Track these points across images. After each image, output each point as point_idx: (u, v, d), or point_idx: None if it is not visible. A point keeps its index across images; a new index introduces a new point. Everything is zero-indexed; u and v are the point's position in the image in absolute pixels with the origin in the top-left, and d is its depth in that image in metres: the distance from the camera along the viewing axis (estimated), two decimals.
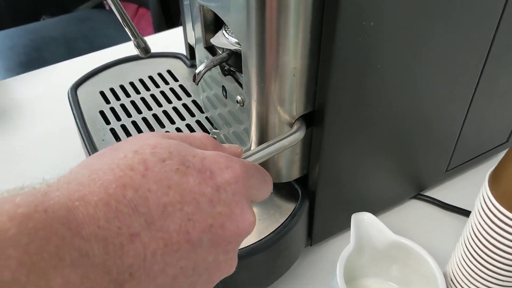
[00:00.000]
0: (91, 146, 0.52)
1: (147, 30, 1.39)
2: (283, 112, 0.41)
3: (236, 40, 0.42)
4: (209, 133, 0.54)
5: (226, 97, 0.47)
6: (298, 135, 0.41)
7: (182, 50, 0.67)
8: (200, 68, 0.43)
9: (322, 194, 0.47)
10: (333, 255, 0.52)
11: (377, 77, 0.41)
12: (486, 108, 0.53)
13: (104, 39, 1.38)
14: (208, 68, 0.43)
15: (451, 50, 0.44)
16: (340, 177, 0.47)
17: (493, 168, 0.36)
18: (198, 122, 0.56)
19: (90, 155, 0.52)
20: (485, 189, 0.35)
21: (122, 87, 0.61)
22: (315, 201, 0.47)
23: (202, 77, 0.44)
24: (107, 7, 1.58)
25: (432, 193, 0.59)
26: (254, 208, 0.44)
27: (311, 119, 0.42)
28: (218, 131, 0.53)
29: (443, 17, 0.40)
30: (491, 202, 0.34)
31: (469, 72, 0.48)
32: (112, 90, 0.60)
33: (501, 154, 0.63)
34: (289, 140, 0.40)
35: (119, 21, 0.46)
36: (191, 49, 0.65)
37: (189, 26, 0.62)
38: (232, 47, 0.42)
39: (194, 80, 0.44)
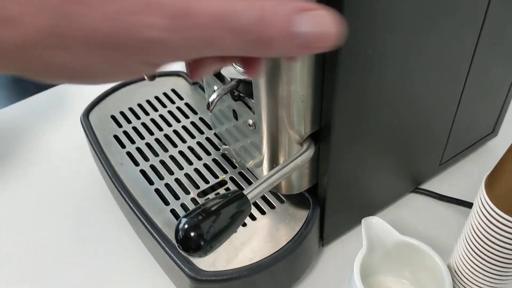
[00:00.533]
0: (111, 171, 0.56)
1: None
2: (293, 133, 0.45)
3: (240, 69, 0.46)
4: (219, 149, 0.58)
5: (236, 119, 0.50)
6: (308, 153, 0.45)
7: (182, 67, 0.70)
8: (213, 97, 0.47)
9: (331, 200, 0.51)
10: (343, 252, 0.56)
11: (376, 92, 0.45)
12: (474, 102, 0.58)
13: None
14: (220, 97, 0.47)
15: (441, 52, 0.48)
16: (346, 183, 0.51)
17: (489, 172, 0.40)
18: (207, 139, 0.60)
19: (110, 179, 0.55)
20: (482, 192, 0.39)
21: (131, 109, 0.64)
22: (325, 207, 0.51)
23: (215, 105, 0.47)
24: None
25: (428, 185, 0.64)
26: (269, 219, 0.49)
27: (318, 135, 0.46)
28: (227, 146, 0.57)
29: (433, 24, 0.44)
30: (488, 204, 0.38)
31: (458, 70, 0.52)
32: (122, 113, 0.63)
33: (489, 145, 0.68)
34: (301, 159, 0.44)
35: None
36: None
37: None
38: (242, 77, 0.46)
39: (208, 108, 0.47)
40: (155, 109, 0.64)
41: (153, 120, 0.62)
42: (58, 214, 0.61)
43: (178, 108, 0.64)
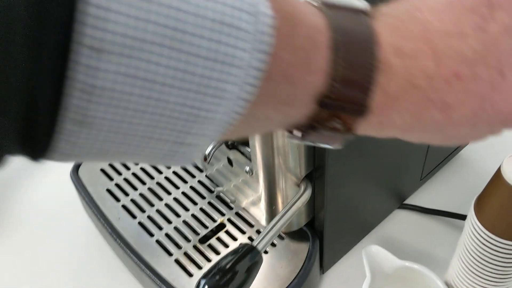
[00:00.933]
0: (110, 227, 0.57)
1: None
2: (290, 176, 0.47)
3: None
4: (212, 191, 0.60)
5: (232, 166, 0.52)
6: (307, 194, 0.47)
7: None
8: (209, 149, 0.49)
9: (329, 230, 0.53)
10: (342, 276, 0.59)
11: None
12: None
13: None
14: (217, 148, 0.49)
15: None
16: (341, 212, 0.54)
17: (477, 195, 0.44)
18: (200, 182, 0.61)
19: (110, 235, 0.56)
20: (473, 216, 0.43)
21: None
22: (324, 238, 0.54)
23: (212, 156, 0.49)
24: None
25: (411, 200, 0.67)
26: (272, 257, 0.50)
27: (312, 174, 0.49)
28: (221, 188, 0.59)
29: None
30: (479, 228, 0.42)
31: None
32: (111, 165, 0.64)
33: (461, 154, 0.73)
34: (301, 201, 0.46)
35: None
36: None
37: None
38: None
39: (205, 160, 0.49)
40: None
41: (143, 169, 0.63)
42: (57, 276, 0.61)
43: None
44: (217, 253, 0.54)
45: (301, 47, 0.21)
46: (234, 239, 0.55)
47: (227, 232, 0.56)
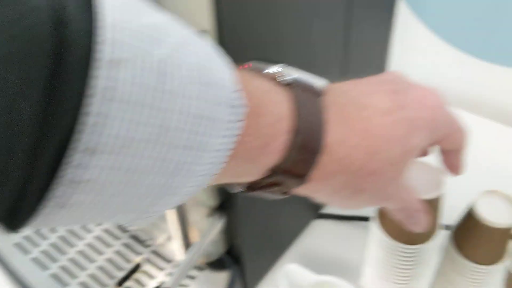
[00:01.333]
0: (21, 283, 0.54)
1: None
2: (201, 209, 0.47)
3: None
4: (127, 231, 0.58)
5: None
6: (219, 225, 0.47)
7: None
8: None
9: (247, 255, 0.54)
10: None
11: None
12: None
13: None
14: None
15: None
16: (258, 234, 0.54)
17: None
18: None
19: None
20: (377, 227, 0.45)
21: None
22: (242, 263, 0.54)
23: None
24: None
25: (328, 209, 0.69)
26: None
27: (223, 204, 0.49)
28: (136, 226, 0.57)
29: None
30: (384, 237, 0.44)
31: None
32: None
33: None
34: (214, 234, 0.46)
35: None
36: None
37: None
38: None
39: None
40: None
41: None
42: None
43: None
44: None
45: (264, 134, 0.25)
46: (152, 277, 0.54)
47: (145, 272, 0.54)
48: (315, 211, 0.67)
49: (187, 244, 0.51)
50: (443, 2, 0.77)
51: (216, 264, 0.55)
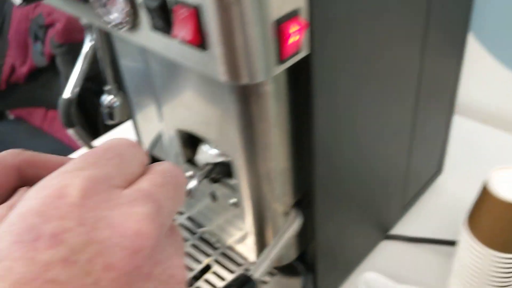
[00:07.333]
0: None
1: (62, 131, 1.37)
2: (278, 205, 0.46)
3: (218, 152, 0.47)
4: (195, 233, 0.58)
5: (215, 201, 0.50)
6: (298, 222, 0.46)
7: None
8: (193, 184, 0.47)
9: (321, 264, 0.52)
10: None
11: (347, 154, 0.48)
12: (421, 148, 0.63)
13: None
14: (200, 182, 0.47)
15: (390, 115, 0.52)
16: (331, 244, 0.53)
17: (467, 214, 0.44)
18: (181, 225, 0.59)
19: None
20: (467, 234, 0.42)
21: None
22: (316, 272, 0.52)
23: (195, 191, 0.47)
24: (11, 116, 1.54)
25: (395, 230, 0.67)
26: None
27: (300, 203, 0.48)
28: (205, 228, 0.57)
29: (386, 91, 0.48)
30: (476, 244, 0.41)
31: (403, 125, 0.57)
32: None
33: (438, 182, 0.73)
34: (294, 229, 0.45)
35: (27, 128, 0.49)
36: (151, 158, 0.68)
37: (146, 138, 0.66)
38: (218, 159, 0.47)
39: (188, 195, 0.47)
40: None
41: None
42: None
43: None
44: None
45: None
46: (223, 279, 0.52)
47: (215, 273, 0.53)
48: (383, 231, 0.65)
49: (261, 243, 0.50)
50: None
51: (287, 270, 0.53)
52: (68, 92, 0.51)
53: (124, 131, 0.89)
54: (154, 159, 0.68)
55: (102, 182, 0.21)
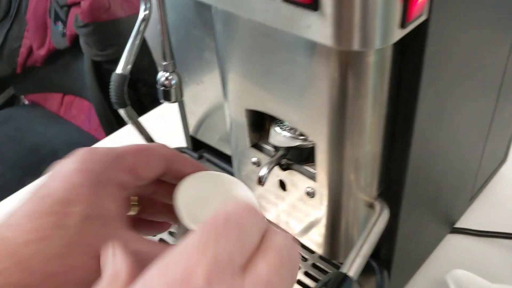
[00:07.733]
0: None
1: (79, 118, 1.32)
2: (363, 195, 0.41)
3: (291, 135, 0.42)
4: None
5: (284, 190, 0.45)
6: (385, 215, 0.41)
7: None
8: (263, 171, 0.42)
9: (397, 261, 0.47)
10: None
11: (442, 143, 0.43)
12: (494, 137, 0.57)
13: (35, 137, 1.29)
14: (271, 168, 0.42)
15: (476, 108, 0.47)
16: (408, 240, 0.48)
17: None
18: None
19: None
20: None
21: None
22: (391, 269, 0.47)
23: (266, 178, 0.42)
24: (25, 102, 1.49)
25: (461, 223, 0.62)
26: None
27: (383, 193, 0.43)
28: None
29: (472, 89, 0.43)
30: None
31: (486, 114, 0.51)
32: None
33: (502, 172, 0.68)
34: (383, 223, 0.40)
35: (43, 114, 0.44)
36: (193, 141, 0.63)
37: (191, 120, 0.61)
38: (294, 143, 0.42)
39: (259, 183, 0.42)
40: None
41: None
42: None
43: None
44: None
45: None
46: None
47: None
48: (450, 224, 0.60)
49: (336, 237, 0.44)
50: None
51: None
52: (119, 69, 0.46)
53: (164, 111, 0.84)
54: (200, 143, 0.63)
55: (225, 266, 0.21)
